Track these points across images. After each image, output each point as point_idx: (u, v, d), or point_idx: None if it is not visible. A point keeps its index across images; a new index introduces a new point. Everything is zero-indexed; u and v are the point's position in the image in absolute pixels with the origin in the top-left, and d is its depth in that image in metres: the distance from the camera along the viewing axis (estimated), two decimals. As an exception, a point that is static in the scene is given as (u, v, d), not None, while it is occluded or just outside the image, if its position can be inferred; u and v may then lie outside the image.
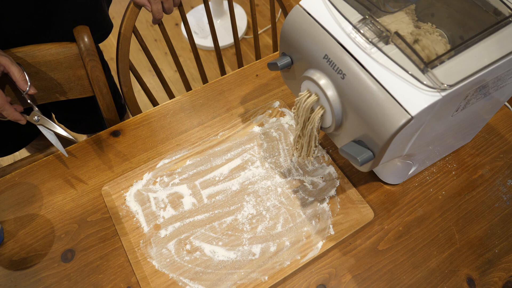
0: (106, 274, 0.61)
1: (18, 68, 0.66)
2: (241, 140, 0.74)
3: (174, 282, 0.60)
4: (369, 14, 0.48)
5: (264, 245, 0.63)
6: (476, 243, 0.63)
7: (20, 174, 0.71)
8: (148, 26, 2.12)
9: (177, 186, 0.69)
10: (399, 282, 0.60)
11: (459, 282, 0.60)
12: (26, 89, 0.67)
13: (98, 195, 0.68)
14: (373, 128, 0.46)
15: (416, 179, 0.70)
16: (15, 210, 0.67)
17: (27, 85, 0.67)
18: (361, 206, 0.66)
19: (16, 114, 0.66)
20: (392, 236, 0.64)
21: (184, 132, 0.76)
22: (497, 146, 0.73)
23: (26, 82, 0.67)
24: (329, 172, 0.70)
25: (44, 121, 0.69)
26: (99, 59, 0.79)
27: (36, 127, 0.70)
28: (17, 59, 0.74)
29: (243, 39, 2.04)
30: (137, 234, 0.64)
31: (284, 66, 0.56)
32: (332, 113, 0.50)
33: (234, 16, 1.02)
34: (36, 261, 0.62)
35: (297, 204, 0.67)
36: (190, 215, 0.66)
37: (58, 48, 0.77)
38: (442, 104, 0.44)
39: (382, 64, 0.45)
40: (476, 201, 0.68)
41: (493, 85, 0.50)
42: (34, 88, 0.68)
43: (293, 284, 0.60)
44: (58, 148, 0.69)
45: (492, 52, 0.45)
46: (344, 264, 0.61)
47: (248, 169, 0.71)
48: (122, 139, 0.75)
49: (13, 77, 0.66)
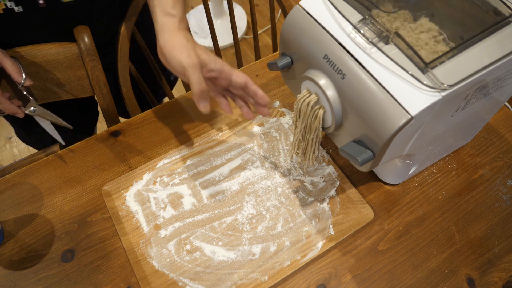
0: (106, 274, 0.61)
1: (11, 60, 0.65)
2: (241, 140, 0.74)
3: (174, 282, 0.60)
4: (369, 14, 0.48)
5: (264, 245, 0.63)
6: (476, 243, 0.63)
7: (20, 174, 0.71)
8: (148, 26, 2.12)
9: (177, 186, 0.69)
10: (399, 282, 0.60)
11: (459, 282, 0.60)
12: (21, 81, 0.65)
13: (98, 195, 0.68)
14: (373, 128, 0.46)
15: (416, 179, 0.70)
16: (15, 210, 0.67)
17: (21, 77, 0.65)
18: (361, 206, 0.66)
19: (12, 107, 0.65)
20: (392, 236, 0.64)
21: (184, 132, 0.76)
22: (497, 146, 0.73)
23: (21, 74, 0.66)
24: (329, 172, 0.70)
25: (40, 111, 0.68)
26: (99, 59, 0.79)
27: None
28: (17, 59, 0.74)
29: (243, 39, 2.04)
30: (137, 234, 0.64)
31: (284, 66, 0.56)
32: (332, 113, 0.50)
33: (234, 16, 1.02)
34: (36, 261, 0.62)
35: (297, 204, 0.67)
36: (190, 215, 0.66)
37: (58, 48, 0.77)
38: (442, 104, 0.44)
39: (382, 64, 0.45)
40: (476, 201, 0.68)
41: (493, 85, 0.50)
42: (30, 80, 0.67)
43: (293, 284, 0.60)
44: (55, 137, 0.69)
45: (492, 52, 0.45)
46: (344, 264, 0.61)
47: (248, 169, 0.71)
48: (122, 139, 0.75)
49: (7, 70, 0.65)
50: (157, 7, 0.58)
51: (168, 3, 0.58)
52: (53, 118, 0.70)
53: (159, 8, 0.58)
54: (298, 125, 0.57)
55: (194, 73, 0.53)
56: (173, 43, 0.55)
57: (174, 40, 0.55)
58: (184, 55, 0.54)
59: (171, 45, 0.55)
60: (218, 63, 0.57)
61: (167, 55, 0.55)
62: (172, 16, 0.58)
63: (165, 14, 0.57)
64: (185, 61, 0.53)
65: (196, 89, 0.53)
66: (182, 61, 0.53)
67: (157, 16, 0.58)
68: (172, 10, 0.58)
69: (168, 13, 0.57)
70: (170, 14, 0.57)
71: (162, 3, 0.58)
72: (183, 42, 0.55)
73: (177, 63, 0.54)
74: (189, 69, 0.53)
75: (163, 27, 0.57)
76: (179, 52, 0.54)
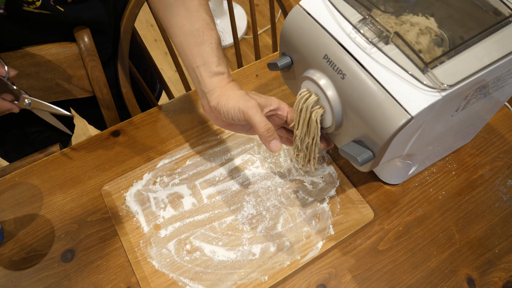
0: (106, 274, 0.61)
1: None
2: (241, 140, 0.74)
3: (174, 282, 0.60)
4: (369, 14, 0.48)
5: (264, 245, 0.63)
6: (476, 243, 0.63)
7: (20, 174, 0.71)
8: (148, 26, 2.12)
9: (177, 186, 0.69)
10: (399, 282, 0.60)
11: (459, 282, 0.60)
12: (5, 73, 0.62)
13: (98, 195, 0.68)
14: (373, 128, 0.46)
15: (416, 179, 0.70)
16: (15, 210, 0.67)
17: (4, 69, 0.62)
18: (361, 206, 0.66)
19: (6, 104, 0.63)
20: (392, 236, 0.64)
21: (184, 132, 0.76)
22: (497, 146, 0.73)
23: (3, 65, 0.62)
24: (329, 172, 0.70)
25: (36, 103, 0.66)
26: (99, 59, 0.79)
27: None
28: (17, 59, 0.74)
29: (243, 39, 2.04)
30: (137, 234, 0.64)
31: (284, 66, 0.56)
32: (332, 113, 0.50)
33: (234, 16, 1.02)
34: (36, 261, 0.62)
35: (297, 204, 0.67)
36: (190, 215, 0.66)
37: (58, 48, 0.77)
38: (442, 104, 0.44)
39: (382, 64, 0.45)
40: (476, 201, 0.68)
41: (493, 85, 0.50)
42: (14, 70, 0.64)
43: (293, 284, 0.60)
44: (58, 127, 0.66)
45: (492, 52, 0.45)
46: (344, 264, 0.61)
47: (248, 169, 0.71)
48: (122, 139, 0.75)
49: None
50: (201, 68, 0.55)
51: (214, 61, 0.55)
52: (50, 108, 0.67)
53: (205, 69, 0.55)
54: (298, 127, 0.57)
55: (256, 113, 0.51)
56: (227, 95, 0.53)
57: (227, 93, 0.53)
58: (242, 101, 0.52)
59: (225, 98, 0.53)
60: (274, 101, 0.56)
61: (223, 109, 0.53)
62: (221, 74, 0.55)
63: (214, 75, 0.55)
64: (243, 105, 0.51)
65: (262, 129, 0.51)
66: (241, 106, 0.51)
67: (204, 78, 0.55)
68: (219, 68, 0.55)
69: (216, 73, 0.55)
70: (218, 73, 0.55)
71: (206, 63, 0.54)
72: (236, 91, 0.54)
73: (236, 112, 0.52)
74: (249, 111, 0.51)
75: (214, 87, 0.55)
76: (235, 101, 0.52)
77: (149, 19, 2.14)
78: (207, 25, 0.56)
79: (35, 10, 0.67)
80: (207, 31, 0.55)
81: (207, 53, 0.55)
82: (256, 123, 0.51)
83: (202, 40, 0.55)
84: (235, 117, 0.53)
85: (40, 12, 0.68)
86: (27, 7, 0.66)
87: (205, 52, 0.55)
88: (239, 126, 0.59)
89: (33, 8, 0.66)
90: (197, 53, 0.55)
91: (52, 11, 0.69)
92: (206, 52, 0.55)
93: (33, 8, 0.66)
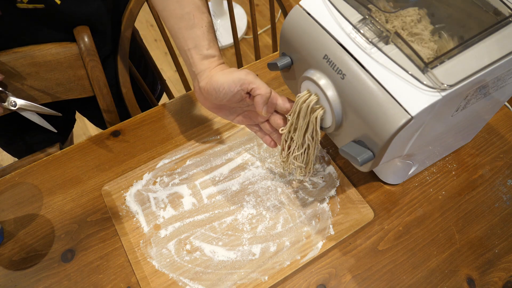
0: (106, 274, 0.61)
1: None
2: (241, 140, 0.74)
3: (174, 282, 0.60)
4: (369, 14, 0.48)
5: (264, 245, 0.63)
6: (476, 243, 0.63)
7: (20, 174, 0.71)
8: (148, 26, 2.12)
9: (177, 186, 0.69)
10: (399, 282, 0.60)
11: (459, 282, 0.60)
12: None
13: (98, 195, 0.68)
14: (373, 128, 0.46)
15: (416, 179, 0.70)
16: (15, 210, 0.67)
17: None
18: (361, 206, 0.66)
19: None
20: (392, 236, 0.64)
21: (184, 132, 0.76)
22: (497, 146, 0.73)
23: None
24: (329, 172, 0.70)
25: (22, 104, 0.66)
26: (99, 59, 0.79)
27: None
28: (17, 59, 0.74)
29: (243, 39, 2.04)
30: (137, 234, 0.64)
31: (284, 66, 0.56)
32: (332, 113, 0.50)
33: (233, 16, 1.02)
34: (36, 261, 0.62)
35: (297, 204, 0.67)
36: (190, 215, 0.66)
37: (58, 48, 0.77)
38: (442, 104, 0.44)
39: (382, 64, 0.45)
40: (476, 201, 0.68)
41: (493, 85, 0.50)
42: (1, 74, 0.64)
43: (293, 284, 0.60)
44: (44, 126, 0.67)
45: (492, 52, 0.45)
46: (344, 264, 0.61)
47: (248, 169, 0.71)
48: (122, 139, 0.75)
49: None
50: (192, 51, 0.55)
51: (204, 44, 0.55)
52: (37, 108, 0.67)
53: (196, 52, 0.55)
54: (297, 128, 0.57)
55: (256, 78, 0.52)
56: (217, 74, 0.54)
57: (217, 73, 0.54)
58: (236, 73, 0.53)
59: (216, 77, 0.53)
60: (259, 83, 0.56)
61: (215, 85, 0.53)
62: (211, 57, 0.56)
63: (204, 57, 0.55)
64: (240, 74, 0.52)
65: (266, 89, 0.52)
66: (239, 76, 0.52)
67: (195, 60, 0.55)
68: (209, 51, 0.56)
69: (207, 55, 0.55)
70: (208, 56, 0.56)
71: (197, 46, 0.55)
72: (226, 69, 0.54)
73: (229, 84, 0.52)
74: (248, 77, 0.52)
75: (204, 68, 0.55)
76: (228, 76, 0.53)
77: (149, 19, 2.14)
78: (198, 8, 0.56)
79: (29, 5, 0.67)
80: (198, 15, 0.56)
81: (198, 37, 0.55)
82: (259, 84, 0.52)
83: (193, 23, 0.56)
84: (228, 90, 0.53)
85: (35, 7, 0.68)
86: (21, 4, 0.66)
87: (196, 36, 0.56)
88: (226, 109, 0.59)
89: (26, 2, 0.66)
90: (188, 36, 0.56)
91: (47, 4, 0.68)
92: (197, 35, 0.56)
93: (27, 2, 0.66)
